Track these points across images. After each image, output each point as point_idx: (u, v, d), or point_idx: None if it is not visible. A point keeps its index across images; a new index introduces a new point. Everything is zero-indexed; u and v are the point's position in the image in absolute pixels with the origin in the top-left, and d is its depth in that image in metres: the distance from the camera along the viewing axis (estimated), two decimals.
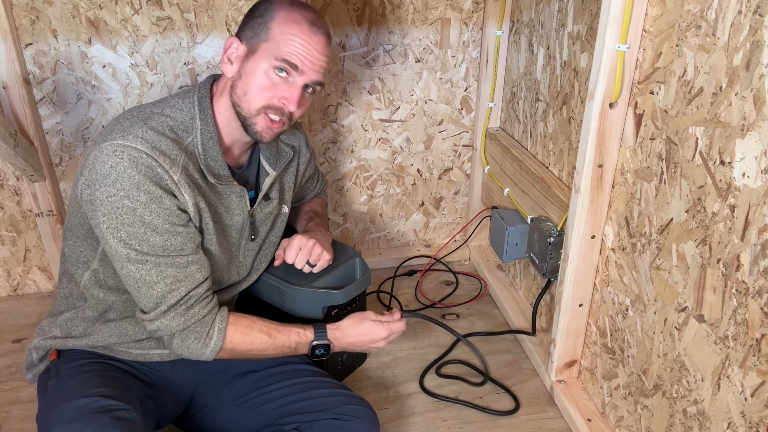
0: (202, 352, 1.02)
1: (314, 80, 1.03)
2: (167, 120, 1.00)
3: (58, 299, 1.13)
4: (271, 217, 1.20)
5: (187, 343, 1.01)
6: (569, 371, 1.37)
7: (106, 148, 0.92)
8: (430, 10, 1.62)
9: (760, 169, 0.79)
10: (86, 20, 1.45)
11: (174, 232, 0.96)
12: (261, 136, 1.04)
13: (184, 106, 1.03)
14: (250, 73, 1.01)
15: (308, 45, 1.00)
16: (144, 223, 0.93)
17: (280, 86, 1.01)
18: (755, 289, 0.82)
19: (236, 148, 1.10)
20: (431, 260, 1.89)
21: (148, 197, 0.93)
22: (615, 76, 1.04)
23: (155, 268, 0.96)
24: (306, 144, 1.30)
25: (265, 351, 1.08)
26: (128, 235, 0.93)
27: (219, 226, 1.07)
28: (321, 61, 1.02)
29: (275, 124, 1.03)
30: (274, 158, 1.16)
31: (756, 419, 0.84)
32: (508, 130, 1.71)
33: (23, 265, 1.70)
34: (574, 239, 1.19)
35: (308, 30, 1.00)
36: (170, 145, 0.97)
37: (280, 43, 0.99)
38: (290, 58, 0.99)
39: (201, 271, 1.01)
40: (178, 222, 0.97)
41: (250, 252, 1.18)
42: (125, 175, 0.91)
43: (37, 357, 1.11)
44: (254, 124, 1.02)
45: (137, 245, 0.94)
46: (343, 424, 1.06)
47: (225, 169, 1.05)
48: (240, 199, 1.09)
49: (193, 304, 1.00)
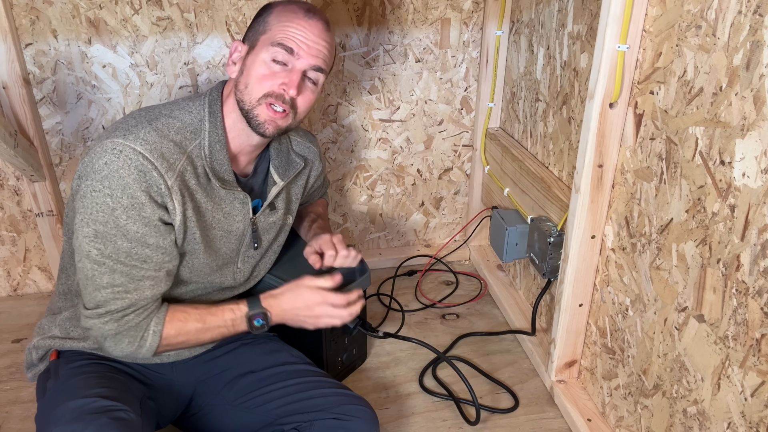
0: (137, 354, 1.01)
1: (312, 65, 1.02)
2: (174, 122, 1.00)
3: (57, 296, 1.13)
4: (275, 227, 1.19)
5: (120, 346, 0.99)
6: (569, 371, 1.37)
7: (107, 145, 0.93)
8: (430, 10, 1.62)
9: (760, 169, 0.79)
10: (86, 20, 1.45)
11: (143, 243, 0.95)
12: (263, 128, 1.02)
13: (194, 108, 1.03)
14: (250, 66, 1.02)
15: (304, 29, 1.00)
16: (118, 225, 0.93)
17: (279, 73, 1.01)
18: (755, 289, 0.82)
19: (242, 156, 1.09)
20: (431, 260, 1.89)
21: (131, 202, 0.92)
22: (615, 76, 1.04)
23: (109, 273, 0.95)
24: (319, 157, 1.29)
25: (201, 338, 1.06)
26: (97, 233, 0.93)
27: (211, 233, 1.06)
28: (319, 45, 1.02)
29: (278, 114, 1.02)
30: (284, 168, 1.16)
31: (756, 419, 0.84)
32: (508, 130, 1.71)
33: (23, 265, 1.70)
34: (574, 239, 1.19)
35: (304, 16, 1.01)
36: (171, 149, 0.97)
37: (277, 31, 1.00)
38: (286, 42, 0.99)
39: (153, 289, 0.99)
40: (152, 234, 0.96)
41: (251, 259, 1.17)
42: (116, 174, 0.91)
43: (36, 357, 1.11)
44: (257, 115, 1.01)
45: (102, 246, 0.93)
46: (343, 423, 1.06)
47: (230, 174, 1.05)
48: (243, 206, 1.09)
49: (130, 313, 0.98)
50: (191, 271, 1.07)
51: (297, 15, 1.01)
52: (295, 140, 1.23)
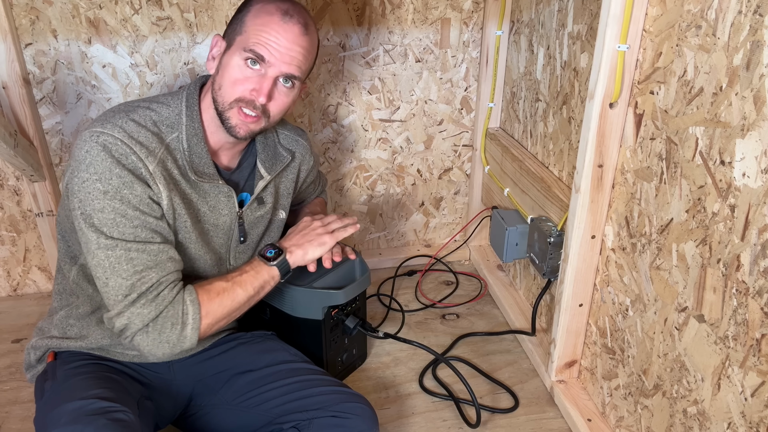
0: (183, 338, 0.97)
1: (284, 72, 1.00)
2: (151, 114, 1.00)
3: (54, 295, 1.14)
4: (263, 221, 1.19)
5: (165, 333, 0.96)
6: (569, 371, 1.37)
7: (84, 135, 0.94)
8: (430, 10, 1.62)
9: (760, 169, 0.79)
10: (86, 20, 1.45)
11: (143, 221, 0.95)
12: (235, 131, 1.02)
13: (172, 102, 1.04)
14: (225, 66, 1.01)
15: (278, 35, 0.98)
16: (114, 208, 0.92)
17: (252, 78, 1.00)
18: (755, 289, 0.82)
19: (223, 152, 1.10)
20: (431, 260, 1.89)
21: (120, 181, 0.92)
22: (615, 76, 1.04)
23: (125, 254, 0.94)
24: (309, 151, 1.29)
25: (236, 297, 1.04)
26: (99, 221, 0.93)
27: (201, 226, 1.07)
28: (293, 51, 1.00)
29: (249, 118, 1.01)
30: (271, 162, 1.16)
31: (756, 419, 0.84)
32: (508, 130, 1.71)
33: (23, 265, 1.70)
34: (574, 239, 1.19)
35: (279, 20, 0.99)
36: (149, 137, 0.97)
37: (251, 35, 0.99)
38: (257, 49, 0.98)
39: (172, 262, 0.98)
40: (148, 212, 0.96)
41: (242, 255, 1.17)
42: (98, 158, 0.92)
43: (35, 357, 1.11)
44: (228, 118, 1.02)
45: (107, 231, 0.93)
46: (342, 421, 1.06)
47: (210, 167, 1.05)
48: (228, 200, 1.09)
49: (163, 289, 0.96)
50: (186, 261, 1.07)
51: (273, 18, 0.99)
52: (282, 134, 1.23)
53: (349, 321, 1.31)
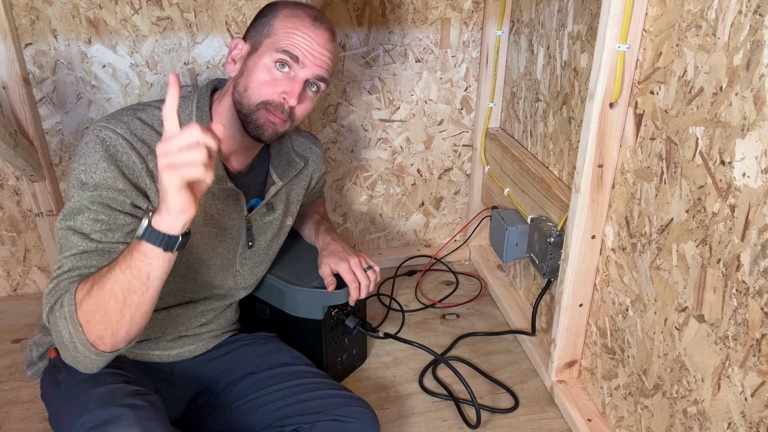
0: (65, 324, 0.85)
1: (316, 75, 1.01)
2: (159, 114, 1.00)
3: None
4: (272, 228, 1.18)
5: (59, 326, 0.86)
6: (569, 371, 1.37)
7: (89, 128, 0.95)
8: (430, 10, 1.62)
9: (761, 169, 0.79)
10: (86, 20, 1.45)
11: (108, 221, 0.90)
12: (262, 131, 1.01)
13: (182, 103, 1.03)
14: (251, 68, 1.00)
15: (310, 38, 0.99)
16: (87, 197, 0.90)
17: (281, 81, 0.99)
18: (755, 289, 0.82)
19: (234, 157, 1.09)
20: (431, 260, 1.89)
21: (102, 176, 0.91)
22: (615, 76, 1.04)
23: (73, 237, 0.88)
24: (322, 159, 1.28)
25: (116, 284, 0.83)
26: (70, 210, 0.90)
27: (209, 228, 1.06)
28: (323, 56, 1.01)
29: (276, 117, 1.01)
30: (284, 168, 1.16)
31: (756, 419, 0.84)
32: (508, 130, 1.71)
33: (23, 265, 1.70)
34: (574, 239, 1.19)
35: (311, 24, 1.00)
36: (153, 136, 0.97)
37: (282, 37, 0.99)
38: (291, 50, 0.98)
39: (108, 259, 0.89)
40: (120, 209, 0.91)
41: (248, 261, 1.17)
42: (92, 151, 0.92)
43: (37, 354, 1.10)
44: (255, 119, 1.00)
45: (71, 222, 0.90)
46: (343, 425, 1.06)
47: (220, 168, 1.04)
48: (236, 203, 1.08)
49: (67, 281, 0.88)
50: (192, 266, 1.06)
51: (304, 23, 1.00)
52: (296, 140, 1.23)
53: (349, 321, 1.31)
